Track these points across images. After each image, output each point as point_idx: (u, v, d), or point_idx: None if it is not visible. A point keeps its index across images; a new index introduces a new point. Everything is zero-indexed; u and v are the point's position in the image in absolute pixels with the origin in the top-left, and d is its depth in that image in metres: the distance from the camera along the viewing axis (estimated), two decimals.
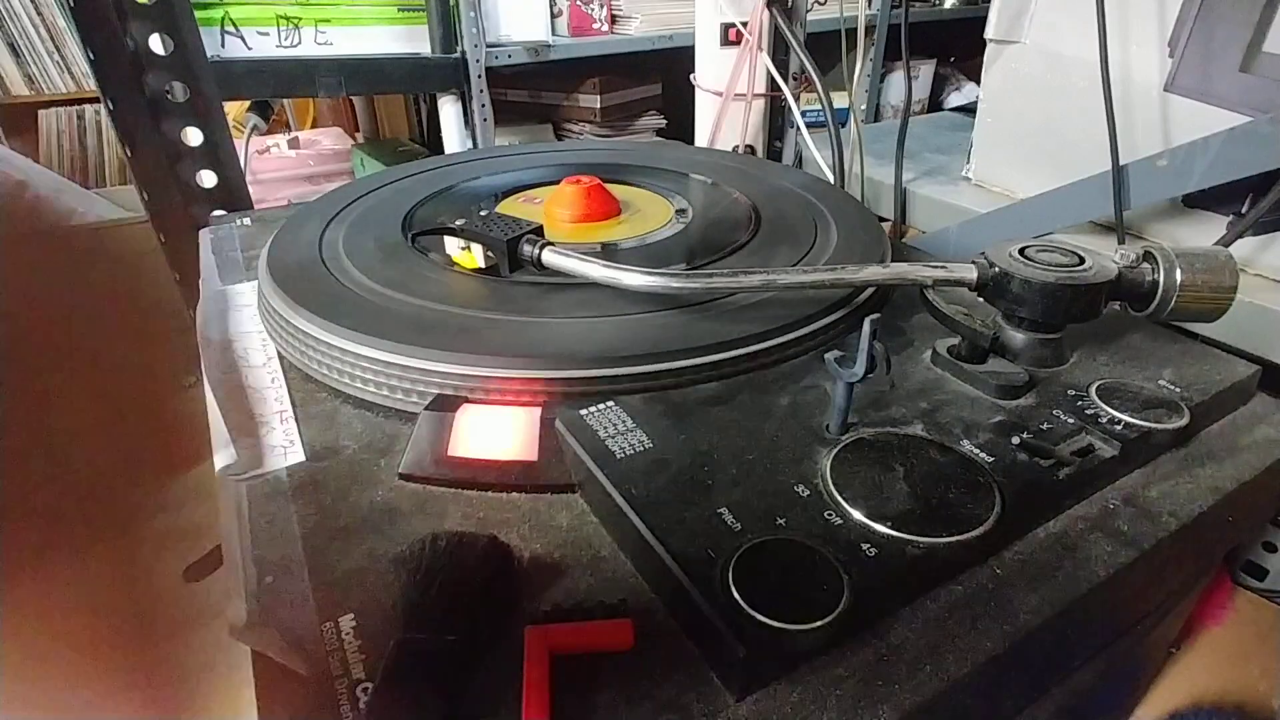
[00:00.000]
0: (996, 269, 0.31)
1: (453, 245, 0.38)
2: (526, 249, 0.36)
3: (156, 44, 0.60)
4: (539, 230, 0.37)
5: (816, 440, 0.28)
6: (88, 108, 1.66)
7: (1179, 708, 0.47)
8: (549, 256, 0.36)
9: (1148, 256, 0.32)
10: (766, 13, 0.62)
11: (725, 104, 0.67)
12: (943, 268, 0.32)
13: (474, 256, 0.37)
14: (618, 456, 0.27)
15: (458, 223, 0.37)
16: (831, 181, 0.62)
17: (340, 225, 0.45)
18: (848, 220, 0.45)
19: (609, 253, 0.41)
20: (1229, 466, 0.30)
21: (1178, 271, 0.31)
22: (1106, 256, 0.32)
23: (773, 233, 0.43)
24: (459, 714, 0.20)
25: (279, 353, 0.38)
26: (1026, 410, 0.30)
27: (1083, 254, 0.32)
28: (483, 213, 0.39)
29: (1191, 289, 0.31)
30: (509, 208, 0.47)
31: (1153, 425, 0.29)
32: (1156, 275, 0.32)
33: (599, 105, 1.57)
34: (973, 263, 0.32)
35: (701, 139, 0.70)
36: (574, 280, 0.38)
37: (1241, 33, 0.45)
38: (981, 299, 0.33)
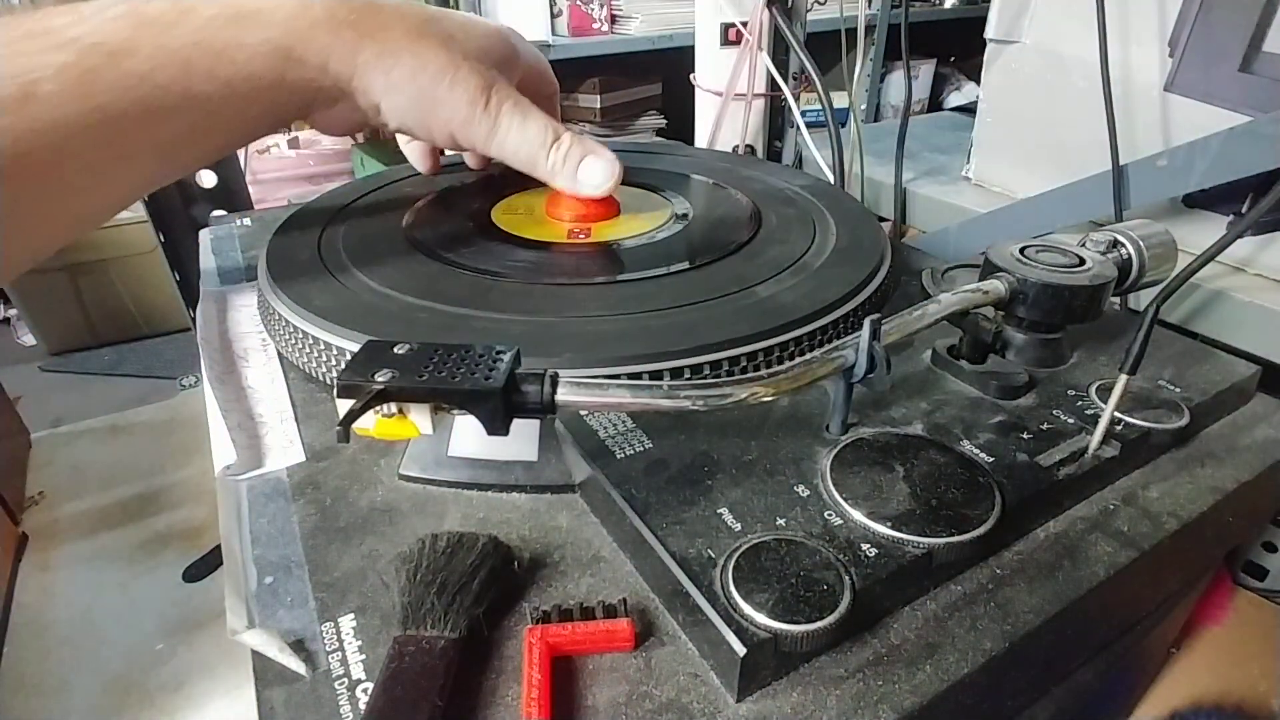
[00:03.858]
0: (1017, 278, 0.31)
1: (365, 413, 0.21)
2: (529, 391, 0.23)
3: None
4: (517, 356, 0.23)
5: (816, 440, 0.28)
6: None
7: (1179, 707, 0.47)
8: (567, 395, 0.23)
9: (1115, 243, 0.34)
10: (766, 12, 0.62)
11: (725, 104, 0.67)
12: (978, 290, 0.31)
13: (408, 422, 0.22)
14: (618, 456, 0.27)
15: (379, 377, 0.21)
16: (831, 181, 0.62)
17: (340, 225, 0.45)
18: (847, 220, 0.45)
19: (609, 254, 0.41)
20: (1229, 466, 0.30)
21: (1145, 250, 0.33)
22: (1077, 249, 0.33)
23: (773, 232, 0.43)
24: (459, 714, 0.21)
25: (279, 353, 0.38)
26: (1026, 410, 0.30)
27: (1082, 254, 0.32)
28: (402, 350, 0.23)
29: (1154, 263, 0.34)
30: (507, 208, 0.47)
31: (1153, 425, 0.29)
32: (1129, 255, 0.33)
33: (599, 105, 1.57)
34: (997, 278, 0.31)
35: (701, 139, 0.70)
36: (575, 280, 0.38)
37: (1241, 33, 0.45)
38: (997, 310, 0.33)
